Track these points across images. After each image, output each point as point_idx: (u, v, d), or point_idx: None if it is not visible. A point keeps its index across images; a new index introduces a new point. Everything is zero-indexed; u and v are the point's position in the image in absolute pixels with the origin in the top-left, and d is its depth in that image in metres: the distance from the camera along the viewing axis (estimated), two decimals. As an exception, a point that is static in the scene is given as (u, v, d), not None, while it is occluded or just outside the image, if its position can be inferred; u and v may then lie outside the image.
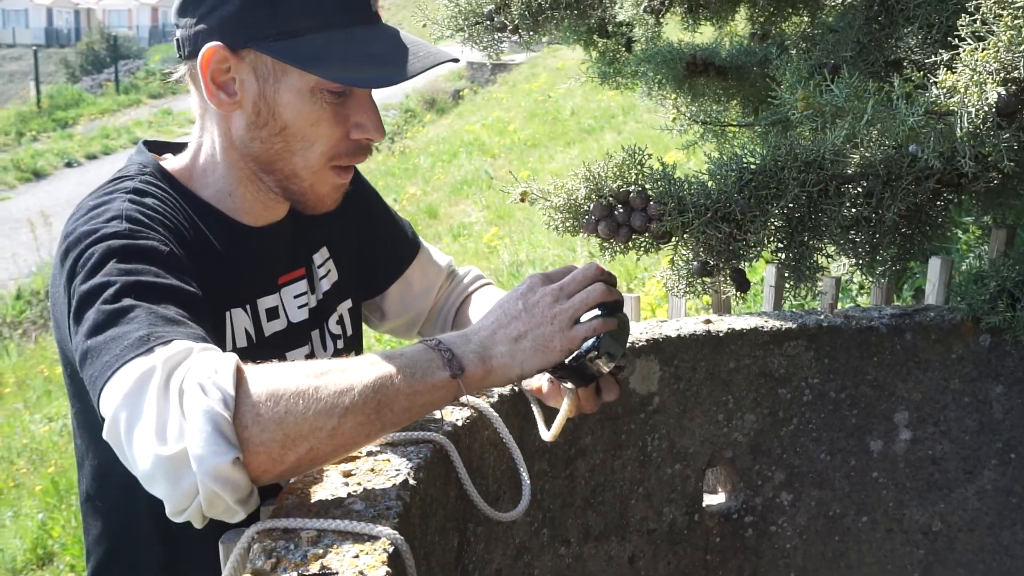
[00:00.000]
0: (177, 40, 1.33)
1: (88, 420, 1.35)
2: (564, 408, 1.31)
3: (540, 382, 1.43)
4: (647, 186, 1.75)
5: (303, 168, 1.33)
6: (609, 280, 1.24)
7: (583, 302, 1.20)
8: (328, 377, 1.06)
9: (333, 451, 1.07)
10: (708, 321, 1.88)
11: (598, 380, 1.29)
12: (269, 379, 1.04)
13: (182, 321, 1.13)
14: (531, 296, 1.19)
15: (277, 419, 1.01)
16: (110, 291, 1.13)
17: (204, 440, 0.97)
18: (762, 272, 2.84)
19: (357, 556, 0.97)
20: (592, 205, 1.76)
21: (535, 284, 1.21)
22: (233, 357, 1.05)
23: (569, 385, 1.29)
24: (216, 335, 1.33)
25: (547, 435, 1.35)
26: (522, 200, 1.77)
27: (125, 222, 1.22)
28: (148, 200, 1.29)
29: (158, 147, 1.47)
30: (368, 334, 1.82)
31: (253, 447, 1.00)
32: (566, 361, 1.24)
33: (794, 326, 1.89)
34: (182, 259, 1.25)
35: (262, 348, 1.40)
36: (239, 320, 1.38)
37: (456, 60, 1.36)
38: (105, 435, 1.05)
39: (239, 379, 1.02)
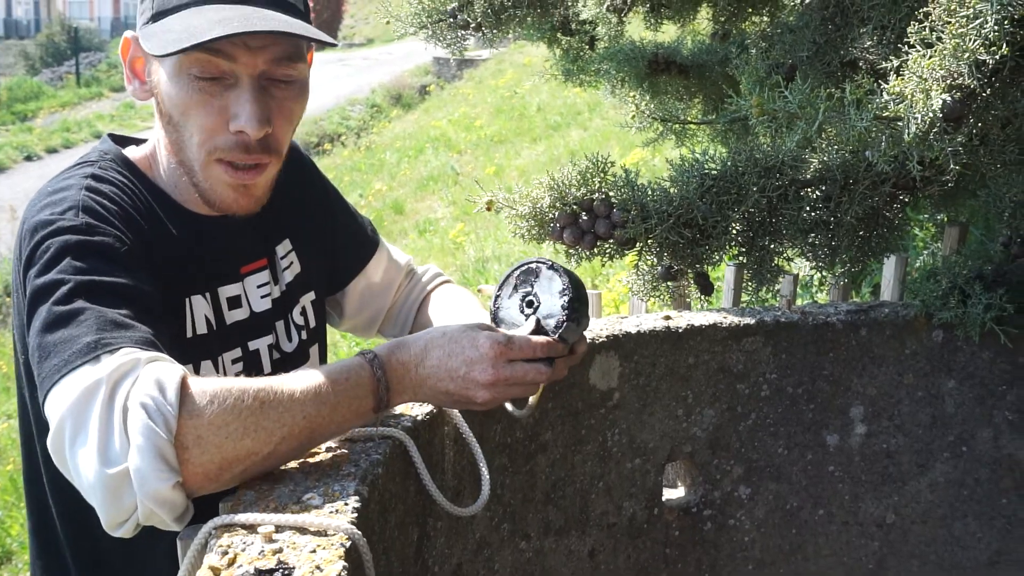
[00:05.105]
0: None
1: (37, 406, 1.35)
2: None
3: None
4: (610, 193, 1.78)
5: (194, 161, 1.30)
6: (557, 353, 1.27)
7: (520, 381, 1.23)
8: (271, 405, 1.09)
9: (264, 470, 1.13)
10: (668, 318, 1.91)
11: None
12: (213, 402, 1.06)
13: (131, 324, 1.13)
14: (475, 368, 1.21)
15: (217, 444, 1.05)
16: (63, 290, 1.13)
17: (146, 463, 1.00)
18: (723, 270, 2.88)
19: (314, 551, 0.97)
20: (557, 213, 1.78)
21: (484, 357, 1.21)
22: (179, 373, 1.06)
23: None
24: (177, 323, 1.33)
25: (522, 412, 1.37)
26: (488, 209, 1.79)
27: (82, 214, 1.22)
28: (105, 188, 1.29)
29: (123, 141, 1.46)
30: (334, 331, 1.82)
31: (192, 467, 1.04)
32: None
33: (752, 322, 1.92)
34: (137, 253, 1.24)
35: (223, 336, 1.40)
36: (199, 307, 1.37)
37: (288, 34, 1.24)
38: (48, 443, 1.07)
39: (183, 398, 1.04)
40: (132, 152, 1.41)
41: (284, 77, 1.29)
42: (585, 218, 1.78)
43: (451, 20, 2.37)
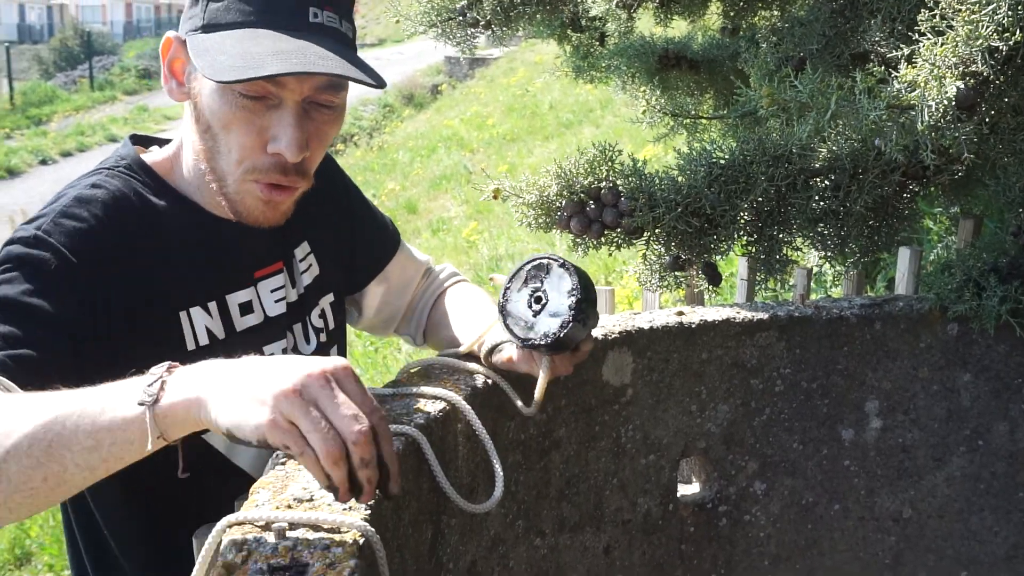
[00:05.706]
0: None
1: None
2: (542, 377, 1.33)
3: (510, 352, 1.43)
4: (618, 182, 1.77)
5: (227, 173, 1.31)
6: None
7: (314, 428, 0.91)
8: None
9: (5, 499, 0.98)
10: (681, 313, 1.90)
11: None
12: None
13: None
14: (283, 373, 0.93)
15: None
16: None
17: None
18: (736, 264, 2.87)
19: (327, 548, 0.98)
20: (564, 202, 1.78)
21: (309, 368, 0.94)
22: None
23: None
24: (170, 338, 1.33)
25: (529, 409, 1.36)
26: (495, 197, 1.79)
27: (48, 224, 1.24)
28: (99, 194, 1.30)
29: (147, 142, 1.47)
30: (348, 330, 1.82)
31: None
32: (540, 342, 1.27)
33: (766, 317, 1.91)
34: (85, 272, 1.23)
35: (234, 344, 1.40)
36: (198, 319, 1.36)
37: (344, 77, 1.21)
38: None
39: None
40: (153, 155, 1.41)
41: (327, 102, 1.29)
42: (592, 207, 1.77)
43: (460, 18, 2.37)
